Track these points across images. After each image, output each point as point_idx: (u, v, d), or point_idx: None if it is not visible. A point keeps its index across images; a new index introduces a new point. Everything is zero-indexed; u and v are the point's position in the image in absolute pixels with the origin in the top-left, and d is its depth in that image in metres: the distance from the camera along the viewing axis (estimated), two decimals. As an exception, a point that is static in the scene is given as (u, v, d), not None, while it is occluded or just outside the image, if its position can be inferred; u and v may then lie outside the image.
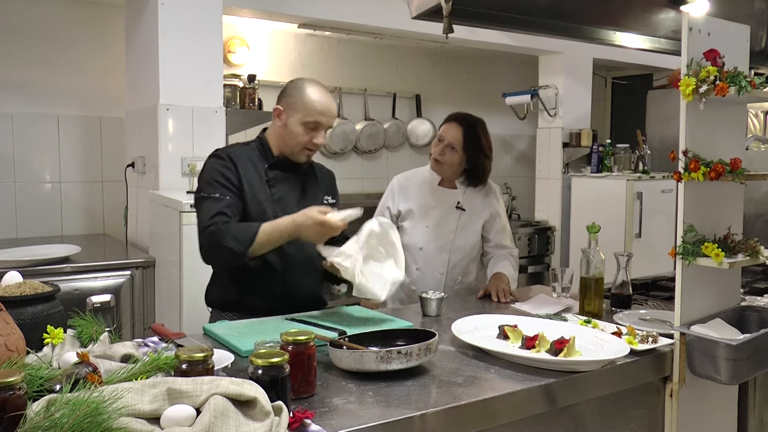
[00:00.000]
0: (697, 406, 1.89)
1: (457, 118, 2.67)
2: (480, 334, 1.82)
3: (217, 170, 2.10)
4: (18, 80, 3.83)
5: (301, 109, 2.09)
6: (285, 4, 3.84)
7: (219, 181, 2.08)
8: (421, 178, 2.76)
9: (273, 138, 2.19)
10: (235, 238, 1.96)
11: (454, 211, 2.69)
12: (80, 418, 1.00)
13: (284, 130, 2.14)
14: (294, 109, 2.11)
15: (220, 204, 2.04)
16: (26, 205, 3.86)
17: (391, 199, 2.76)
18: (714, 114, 1.83)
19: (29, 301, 1.51)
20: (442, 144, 2.63)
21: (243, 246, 1.96)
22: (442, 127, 2.70)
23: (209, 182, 2.09)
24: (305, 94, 2.10)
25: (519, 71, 5.88)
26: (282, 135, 2.15)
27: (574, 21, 2.72)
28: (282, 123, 2.14)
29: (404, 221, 2.72)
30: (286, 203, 2.14)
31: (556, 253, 5.25)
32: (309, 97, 2.10)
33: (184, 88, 3.33)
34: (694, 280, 1.83)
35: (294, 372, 1.35)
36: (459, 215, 2.69)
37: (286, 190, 2.17)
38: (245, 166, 2.12)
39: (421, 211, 2.70)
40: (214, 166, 2.12)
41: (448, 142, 2.62)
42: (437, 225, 2.68)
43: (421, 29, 3.61)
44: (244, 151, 2.17)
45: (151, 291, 3.18)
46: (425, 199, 2.71)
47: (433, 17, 2.32)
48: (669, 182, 4.84)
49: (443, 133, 2.65)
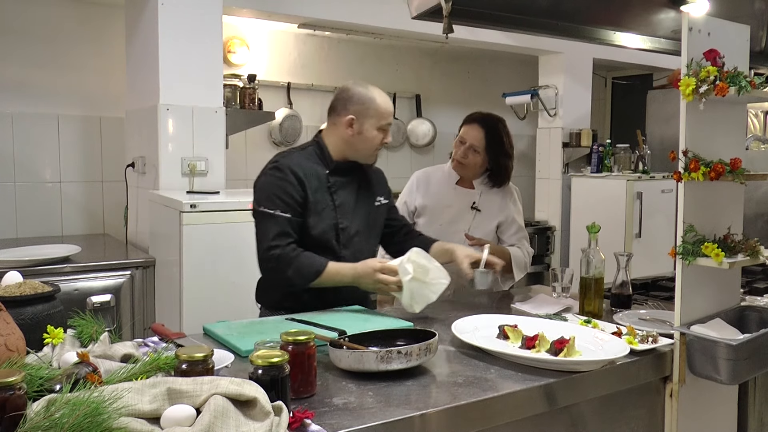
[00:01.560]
0: (697, 406, 1.89)
1: (477, 119, 2.66)
2: (480, 334, 1.82)
3: (278, 185, 2.09)
4: (18, 80, 3.83)
5: (375, 114, 2.15)
6: (285, 4, 3.84)
7: (280, 197, 2.08)
8: (441, 175, 2.76)
9: (337, 144, 2.20)
10: (298, 272, 2.05)
11: (469, 211, 2.68)
12: (80, 418, 1.00)
13: (358, 137, 2.16)
14: (367, 116, 2.15)
15: (281, 223, 2.06)
16: (26, 205, 3.86)
17: (409, 193, 2.77)
18: (714, 114, 1.83)
19: (29, 301, 1.51)
20: (464, 146, 2.63)
21: (304, 281, 2.06)
22: (462, 128, 2.68)
23: (269, 197, 2.09)
24: (375, 101, 2.16)
25: (519, 71, 5.88)
26: (353, 142, 2.17)
27: (574, 21, 2.72)
28: (356, 131, 2.16)
29: (419, 218, 2.72)
30: (345, 209, 2.19)
31: (556, 253, 5.25)
32: (379, 101, 2.17)
33: (184, 88, 3.33)
34: (694, 280, 1.83)
35: (294, 372, 1.34)
36: (473, 216, 2.68)
37: (345, 195, 2.21)
38: (308, 176, 2.13)
39: (436, 209, 2.70)
40: (275, 181, 2.11)
41: (470, 144, 2.62)
42: (450, 224, 2.67)
43: (421, 29, 3.61)
44: (304, 159, 2.17)
45: (151, 291, 3.18)
46: (441, 197, 2.71)
47: (433, 17, 2.32)
48: (669, 182, 4.84)
49: (464, 135, 2.64)
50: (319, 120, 5.04)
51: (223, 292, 2.87)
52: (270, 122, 4.62)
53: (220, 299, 2.85)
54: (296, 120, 4.86)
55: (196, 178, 3.35)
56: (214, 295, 2.85)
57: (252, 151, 4.75)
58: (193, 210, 2.83)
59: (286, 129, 4.81)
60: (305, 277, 2.05)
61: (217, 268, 2.88)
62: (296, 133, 4.87)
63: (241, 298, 2.88)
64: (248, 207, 2.93)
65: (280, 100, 4.83)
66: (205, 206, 2.86)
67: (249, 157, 4.72)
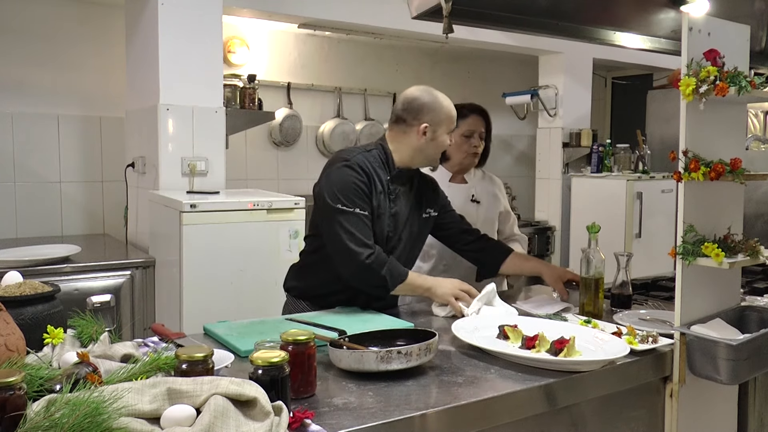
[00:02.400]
0: (697, 406, 1.89)
1: (476, 109, 2.72)
2: (480, 334, 1.82)
3: (355, 183, 2.07)
4: (18, 80, 3.83)
5: (446, 121, 2.17)
6: (285, 4, 3.84)
7: (358, 194, 2.06)
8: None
9: (404, 151, 2.18)
10: (391, 272, 2.05)
11: (470, 204, 2.72)
12: (80, 418, 1.00)
13: (431, 143, 2.16)
14: (440, 123, 2.15)
15: (364, 220, 2.06)
16: (26, 205, 3.86)
17: None
18: (714, 114, 1.83)
19: (29, 301, 1.51)
20: (475, 137, 2.67)
21: (394, 282, 2.06)
22: (464, 122, 2.64)
23: (347, 195, 2.05)
24: (444, 107, 2.17)
25: (519, 71, 5.88)
26: (425, 148, 2.17)
27: (574, 21, 2.72)
28: (429, 138, 2.15)
29: None
30: (398, 219, 2.19)
31: (556, 253, 5.25)
32: (446, 107, 2.17)
33: (184, 88, 3.33)
34: (694, 280, 1.83)
35: (294, 372, 1.35)
36: (476, 208, 2.73)
37: (401, 204, 2.21)
38: (374, 178, 2.12)
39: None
40: (350, 179, 2.07)
41: (480, 132, 2.68)
42: None
43: (421, 29, 3.61)
44: (370, 161, 2.15)
45: (151, 291, 3.18)
46: None
47: (433, 17, 2.32)
48: (669, 182, 4.84)
49: (472, 126, 2.66)
50: (319, 120, 5.05)
51: (223, 292, 2.87)
52: (270, 122, 4.62)
53: (220, 299, 2.84)
54: (296, 120, 4.86)
55: (196, 178, 3.35)
56: (214, 295, 2.84)
57: (252, 151, 4.75)
58: (193, 210, 2.83)
59: (286, 129, 4.81)
60: (396, 278, 2.05)
61: (217, 268, 2.87)
62: (296, 133, 4.87)
63: (241, 298, 2.89)
64: (248, 207, 2.99)
65: (280, 100, 4.83)
66: (205, 206, 2.86)
67: (249, 157, 4.73)
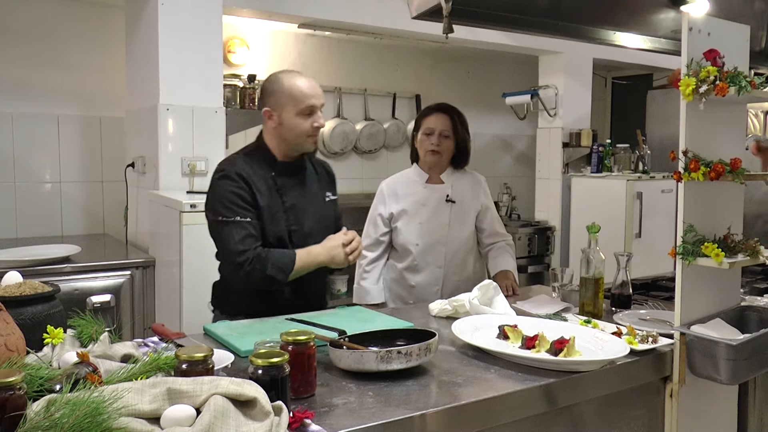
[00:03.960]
0: (697, 406, 1.89)
1: (438, 108, 2.76)
2: (480, 334, 1.82)
3: (232, 191, 2.07)
4: (18, 80, 3.83)
5: (290, 101, 2.09)
6: (285, 4, 3.84)
7: (236, 203, 2.06)
8: (408, 179, 2.82)
9: (272, 141, 2.18)
10: (277, 267, 2.04)
11: (445, 204, 2.75)
12: (80, 418, 1.00)
13: (281, 128, 2.13)
14: (282, 104, 2.10)
15: (244, 226, 2.05)
16: (26, 205, 3.86)
17: (382, 204, 2.80)
18: (714, 114, 1.83)
19: (29, 301, 1.51)
20: (435, 134, 2.70)
21: (284, 275, 2.05)
22: (424, 120, 2.75)
23: (226, 205, 2.06)
24: (287, 86, 2.10)
25: (519, 71, 5.88)
26: (280, 134, 2.14)
27: (574, 21, 2.73)
28: (276, 122, 2.12)
29: (397, 222, 2.76)
30: (297, 210, 2.17)
31: (556, 253, 5.25)
32: (292, 86, 2.10)
33: (184, 88, 3.33)
34: (694, 280, 1.83)
35: (294, 372, 1.35)
36: (450, 208, 2.75)
37: (295, 196, 2.18)
38: (256, 181, 2.11)
39: (413, 209, 2.75)
40: (228, 188, 2.08)
41: (441, 131, 2.71)
42: (430, 220, 2.73)
43: (421, 29, 3.61)
44: (249, 164, 2.14)
45: (151, 291, 3.18)
46: (416, 198, 2.76)
47: (433, 17, 2.32)
48: (669, 182, 4.84)
49: (432, 124, 2.72)
50: (319, 120, 5.04)
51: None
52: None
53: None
54: (296, 120, 4.85)
55: (196, 178, 3.35)
56: (214, 295, 2.84)
57: (252, 151, 4.74)
58: (193, 210, 2.83)
59: (286, 129, 4.80)
60: (284, 269, 2.04)
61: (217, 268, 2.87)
62: (296, 133, 4.87)
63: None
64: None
65: (280, 100, 4.82)
66: (205, 206, 2.86)
67: (249, 157, 4.72)
